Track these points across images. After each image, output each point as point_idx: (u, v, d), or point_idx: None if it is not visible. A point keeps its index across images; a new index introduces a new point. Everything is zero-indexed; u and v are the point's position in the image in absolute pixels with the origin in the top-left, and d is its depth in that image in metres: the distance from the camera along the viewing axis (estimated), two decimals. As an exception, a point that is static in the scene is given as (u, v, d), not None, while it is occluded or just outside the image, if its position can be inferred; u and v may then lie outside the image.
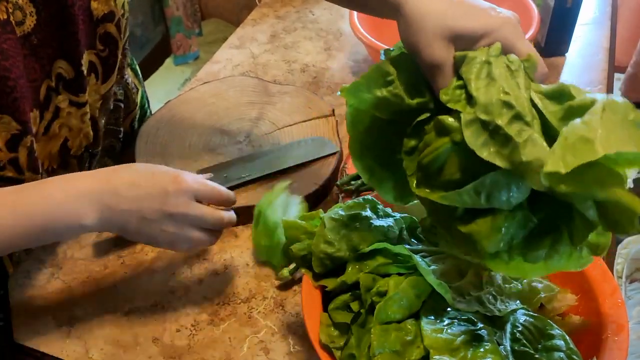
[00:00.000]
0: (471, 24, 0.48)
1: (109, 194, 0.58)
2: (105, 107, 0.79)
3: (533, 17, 0.97)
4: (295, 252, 0.58)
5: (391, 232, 0.57)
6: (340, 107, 0.99)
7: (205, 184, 0.63)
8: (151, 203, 0.59)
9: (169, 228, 0.60)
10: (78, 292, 0.72)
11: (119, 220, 0.59)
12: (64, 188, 0.58)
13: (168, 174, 0.61)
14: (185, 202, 0.60)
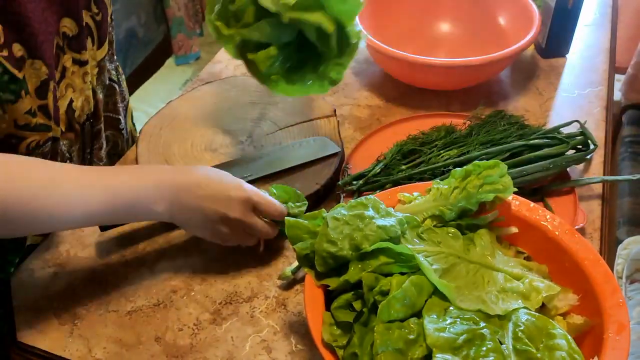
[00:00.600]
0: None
1: (182, 190, 0.66)
2: (102, 80, 0.83)
3: (534, 18, 0.97)
4: (299, 252, 0.58)
5: (393, 231, 0.57)
6: (342, 107, 0.99)
7: (264, 198, 0.70)
8: (215, 205, 0.67)
9: (224, 229, 0.68)
10: (81, 291, 0.72)
11: (184, 214, 0.67)
12: (152, 172, 0.67)
13: (234, 182, 0.69)
14: (244, 210, 0.68)
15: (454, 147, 0.85)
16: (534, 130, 0.84)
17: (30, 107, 0.66)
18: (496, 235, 0.63)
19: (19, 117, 0.66)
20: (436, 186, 0.64)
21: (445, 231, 0.62)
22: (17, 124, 0.66)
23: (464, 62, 0.91)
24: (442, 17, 1.11)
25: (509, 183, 0.60)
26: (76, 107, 0.77)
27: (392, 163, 0.84)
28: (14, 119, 0.66)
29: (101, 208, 0.62)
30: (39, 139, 0.70)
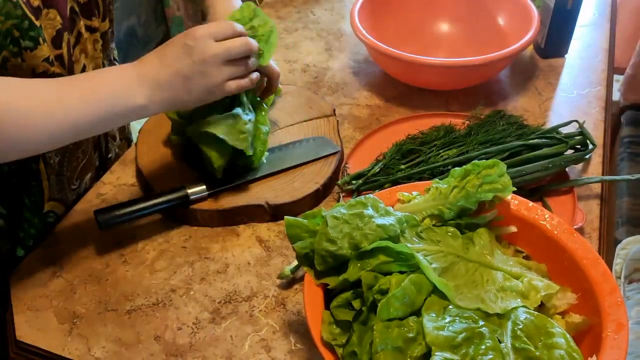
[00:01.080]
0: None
1: (148, 71, 0.65)
2: (107, 54, 0.86)
3: (533, 18, 0.97)
4: (298, 251, 0.58)
5: (393, 230, 0.57)
6: (341, 107, 0.99)
7: (216, 24, 0.69)
8: (183, 61, 0.66)
9: (209, 72, 0.66)
10: (80, 290, 0.72)
11: (167, 90, 0.65)
12: (117, 71, 0.66)
13: (180, 34, 0.68)
14: (207, 43, 0.66)
15: (453, 147, 0.85)
16: (533, 130, 0.84)
17: (48, 55, 0.68)
18: (495, 234, 0.63)
19: (38, 65, 0.67)
20: (435, 185, 0.64)
21: (445, 230, 0.62)
22: (35, 72, 0.68)
23: (463, 62, 0.91)
24: (442, 17, 1.11)
25: (508, 182, 0.60)
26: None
27: (391, 163, 0.84)
28: (32, 67, 0.67)
29: (80, 103, 0.62)
30: None
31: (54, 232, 0.80)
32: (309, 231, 0.59)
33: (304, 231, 0.59)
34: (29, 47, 0.66)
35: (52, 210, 0.83)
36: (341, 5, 1.27)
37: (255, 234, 0.79)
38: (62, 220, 0.81)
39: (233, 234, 0.79)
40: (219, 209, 0.79)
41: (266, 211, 0.80)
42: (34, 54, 0.66)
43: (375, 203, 0.60)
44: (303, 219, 0.61)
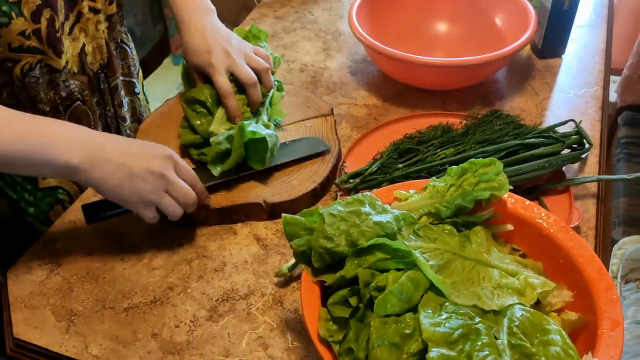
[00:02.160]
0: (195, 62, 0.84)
1: (103, 147, 0.66)
2: (113, 37, 0.90)
3: (530, 19, 0.97)
4: (295, 248, 0.58)
5: (390, 227, 0.58)
6: (339, 106, 0.99)
7: (187, 166, 0.72)
8: (139, 161, 0.67)
9: (149, 187, 0.67)
10: (77, 288, 0.72)
11: (106, 170, 0.66)
12: (66, 127, 0.66)
13: (156, 143, 0.71)
14: (168, 167, 0.69)
15: (450, 146, 0.85)
16: (530, 129, 0.85)
17: (24, 29, 0.71)
18: (492, 232, 0.64)
19: (13, 39, 0.71)
20: (432, 184, 0.64)
21: (441, 228, 0.62)
22: (11, 47, 0.71)
23: (460, 62, 0.92)
24: (440, 17, 1.12)
25: (505, 181, 0.61)
26: (88, 52, 0.83)
27: (388, 162, 0.84)
28: (8, 42, 0.71)
29: (12, 139, 0.61)
30: (32, 60, 0.74)
31: (51, 229, 0.80)
32: (307, 229, 0.59)
33: (301, 229, 0.60)
34: (3, 23, 0.69)
35: (60, 187, 0.85)
36: (339, 5, 1.27)
37: (252, 233, 0.79)
38: (60, 217, 0.81)
39: (231, 233, 0.79)
40: (216, 207, 0.79)
41: (264, 209, 0.80)
42: (9, 29, 0.70)
43: (372, 201, 0.60)
44: (301, 216, 0.61)
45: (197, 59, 0.83)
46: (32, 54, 0.74)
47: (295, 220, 0.60)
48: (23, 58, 0.74)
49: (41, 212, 0.85)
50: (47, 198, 0.84)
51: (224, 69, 0.82)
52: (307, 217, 0.60)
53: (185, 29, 0.85)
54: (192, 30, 0.84)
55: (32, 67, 0.75)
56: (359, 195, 0.60)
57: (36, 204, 0.84)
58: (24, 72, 0.75)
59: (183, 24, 0.86)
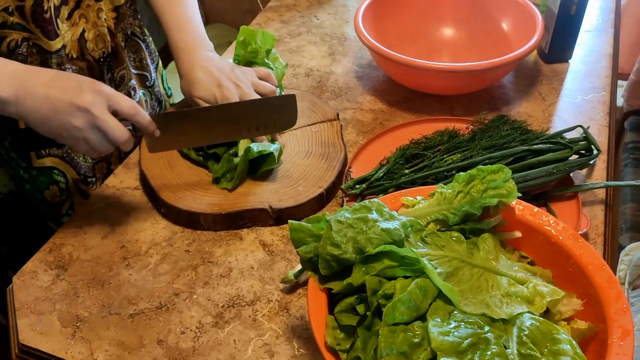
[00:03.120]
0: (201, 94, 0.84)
1: (30, 79, 0.65)
2: (122, 28, 0.90)
3: (537, 23, 0.97)
4: (302, 255, 0.58)
5: (397, 234, 0.57)
6: (345, 111, 0.99)
7: (125, 98, 0.69)
8: (64, 94, 0.65)
9: (75, 122, 0.65)
10: (83, 294, 0.72)
11: (31, 102, 0.64)
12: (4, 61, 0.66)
13: (90, 78, 0.68)
14: (97, 103, 0.66)
15: (457, 152, 0.85)
16: (537, 135, 0.84)
17: (8, 5, 0.72)
18: (500, 239, 0.63)
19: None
20: (440, 190, 0.64)
21: (449, 235, 0.61)
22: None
23: (467, 67, 0.91)
24: (445, 21, 1.11)
25: (513, 188, 0.60)
26: (88, 39, 0.84)
27: (395, 167, 0.84)
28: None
29: None
30: (17, 37, 0.74)
31: (57, 234, 0.80)
32: (313, 235, 0.59)
33: (308, 235, 0.59)
34: None
35: (56, 167, 0.85)
36: (344, 9, 1.27)
37: (258, 238, 0.79)
38: (66, 222, 0.81)
39: (236, 238, 0.79)
40: (222, 213, 0.79)
41: (270, 215, 0.80)
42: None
43: (379, 207, 0.60)
44: (307, 223, 0.60)
45: (206, 93, 0.83)
46: (16, 31, 0.75)
47: (302, 226, 0.60)
48: (8, 35, 0.74)
49: (36, 190, 0.85)
50: (42, 177, 0.85)
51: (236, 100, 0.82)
52: (314, 224, 0.60)
53: (189, 66, 0.84)
54: (197, 65, 0.84)
55: (18, 44, 0.75)
56: (366, 202, 0.60)
57: (31, 182, 0.85)
58: (10, 49, 0.75)
59: (183, 56, 0.85)
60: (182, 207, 0.79)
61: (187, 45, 0.86)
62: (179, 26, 0.87)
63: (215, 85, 0.83)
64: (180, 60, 0.86)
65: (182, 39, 0.86)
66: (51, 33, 0.78)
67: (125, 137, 0.69)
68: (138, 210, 0.83)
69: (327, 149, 0.88)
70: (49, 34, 0.78)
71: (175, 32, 0.87)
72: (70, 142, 0.68)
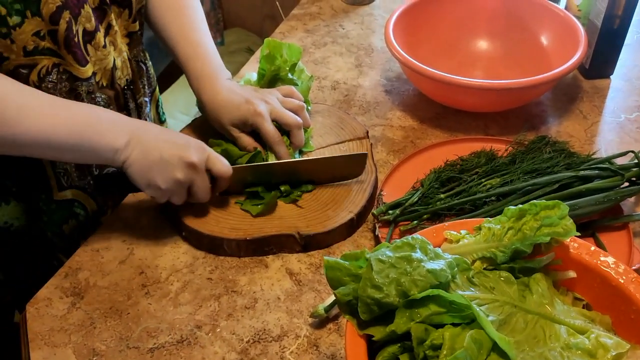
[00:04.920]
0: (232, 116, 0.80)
1: (142, 129, 0.70)
2: (134, 54, 0.88)
3: (580, 38, 0.92)
4: (340, 298, 0.53)
5: (444, 276, 0.52)
6: (373, 128, 0.94)
7: (223, 160, 0.73)
8: (173, 148, 0.69)
9: (178, 175, 0.69)
10: (100, 324, 0.68)
11: (141, 151, 0.68)
12: (108, 112, 0.71)
13: (195, 139, 0.74)
14: (201, 157, 0.71)
15: (495, 176, 0.80)
16: (583, 159, 0.79)
17: (39, 29, 0.68)
18: (552, 279, 0.58)
19: (28, 40, 0.68)
20: (487, 225, 0.58)
21: (498, 275, 0.56)
22: (26, 50, 0.68)
23: (505, 85, 0.86)
24: (479, 33, 1.06)
25: (571, 227, 0.55)
26: (117, 67, 0.82)
27: (429, 192, 0.79)
28: (23, 45, 0.67)
29: (60, 124, 0.65)
30: (48, 64, 0.71)
31: (73, 258, 0.75)
32: (351, 275, 0.54)
33: (345, 275, 0.54)
34: (17, 23, 0.66)
35: (76, 200, 0.82)
36: (371, 19, 1.22)
37: (285, 266, 0.74)
38: (83, 245, 0.77)
39: (262, 265, 0.75)
40: (247, 238, 0.74)
41: (297, 241, 0.75)
42: (22, 29, 0.66)
43: (423, 245, 0.55)
44: (344, 260, 0.56)
45: (236, 113, 0.79)
46: (46, 57, 0.71)
47: (338, 264, 0.55)
48: (39, 62, 0.70)
49: (54, 224, 0.81)
50: (61, 210, 0.81)
51: (269, 116, 0.79)
52: (351, 262, 0.55)
53: (213, 93, 0.81)
54: (219, 87, 0.81)
55: (49, 71, 0.71)
56: (408, 239, 0.55)
57: (49, 215, 0.80)
58: (40, 77, 0.71)
59: (206, 82, 0.82)
60: (204, 232, 0.75)
61: (207, 73, 0.82)
62: (197, 55, 0.83)
63: (244, 102, 0.79)
64: (202, 88, 0.82)
65: (201, 68, 0.83)
66: (81, 58, 0.74)
67: (207, 198, 0.74)
68: (158, 232, 0.79)
69: (357, 170, 0.83)
70: (79, 60, 0.74)
71: (193, 61, 0.83)
72: (160, 192, 0.71)
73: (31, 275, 0.80)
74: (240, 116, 0.79)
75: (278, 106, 0.80)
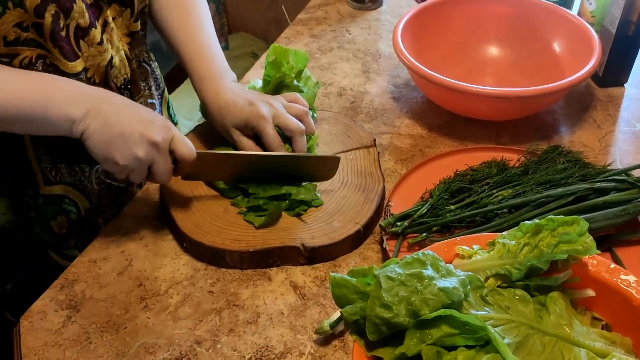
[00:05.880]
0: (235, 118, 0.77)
1: (104, 100, 0.65)
2: (136, 54, 0.85)
3: (594, 45, 0.89)
4: (347, 317, 0.50)
5: (457, 295, 0.50)
6: (381, 136, 0.92)
7: (188, 143, 0.70)
8: (136, 123, 0.65)
9: (139, 153, 0.65)
10: (96, 340, 0.65)
11: (100, 124, 0.64)
12: (68, 82, 0.67)
13: (162, 115, 0.72)
14: (165, 141, 0.67)
15: (507, 187, 0.77)
16: (599, 170, 0.76)
17: (23, 21, 0.66)
18: (570, 298, 0.55)
19: (9, 31, 0.65)
20: (502, 241, 0.56)
21: (513, 294, 0.54)
22: (7, 40, 0.66)
23: (518, 93, 0.84)
24: (490, 39, 1.04)
25: (592, 245, 0.52)
26: (115, 65, 0.78)
27: (439, 203, 0.76)
28: (3, 35, 0.65)
29: (16, 95, 0.62)
30: (31, 55, 0.68)
31: (69, 269, 0.73)
32: (359, 292, 0.52)
33: (352, 292, 0.52)
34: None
35: (67, 197, 0.79)
36: (378, 24, 1.20)
37: (289, 279, 0.72)
38: (80, 255, 0.75)
39: (265, 278, 0.72)
40: (250, 250, 0.72)
41: (301, 254, 0.72)
42: (3, 20, 0.64)
43: (435, 262, 0.52)
44: (351, 276, 0.53)
45: (240, 115, 0.77)
46: (30, 48, 0.68)
47: (345, 282, 0.52)
48: (21, 52, 0.67)
49: (42, 220, 0.79)
50: (49, 206, 0.79)
51: (272, 120, 0.76)
52: (359, 279, 0.53)
53: (216, 94, 0.79)
54: (223, 89, 0.79)
55: (33, 62, 0.69)
56: (419, 255, 0.52)
57: (37, 210, 0.78)
58: (23, 66, 0.68)
59: (209, 83, 0.80)
60: (206, 243, 0.72)
61: (212, 75, 0.80)
62: (202, 56, 0.81)
63: (247, 104, 0.77)
64: (205, 90, 0.80)
65: (206, 69, 0.81)
66: (69, 53, 0.71)
67: (168, 181, 0.70)
68: (158, 243, 0.76)
69: (364, 180, 0.81)
70: (67, 55, 0.71)
71: (197, 63, 0.81)
72: (118, 169, 0.67)
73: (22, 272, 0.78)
74: (243, 118, 0.77)
75: (282, 111, 0.78)
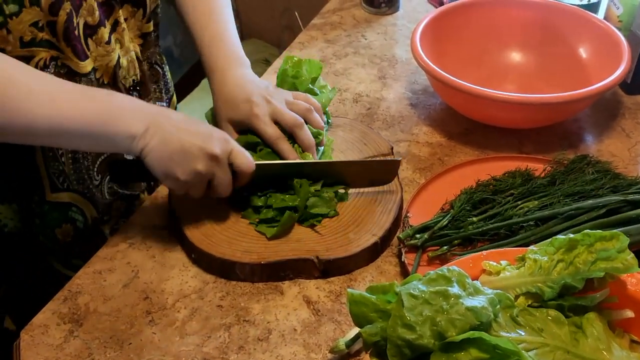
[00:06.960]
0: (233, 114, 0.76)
1: (163, 115, 0.65)
2: (147, 55, 0.84)
3: (623, 51, 0.85)
4: (366, 338, 0.47)
5: (486, 315, 0.46)
6: (398, 144, 0.88)
7: (247, 155, 0.69)
8: (195, 138, 0.65)
9: (199, 167, 0.65)
10: (99, 356, 0.62)
11: (160, 140, 0.63)
12: (127, 99, 0.66)
13: (219, 129, 0.71)
14: (223, 149, 0.66)
15: (532, 198, 0.73)
16: (630, 181, 0.72)
17: (38, 20, 0.64)
18: (606, 319, 0.51)
19: (25, 31, 0.64)
20: (532, 256, 0.52)
21: (545, 314, 0.50)
22: (23, 41, 0.64)
23: (543, 99, 0.80)
24: (511, 44, 1.00)
25: (633, 262, 0.48)
26: (122, 65, 0.77)
27: (460, 214, 0.72)
28: (20, 35, 0.64)
29: (74, 110, 0.60)
30: (46, 56, 0.67)
31: (73, 280, 0.70)
32: (379, 310, 0.48)
33: (372, 310, 0.48)
34: (13, 12, 0.62)
35: (74, 205, 0.77)
36: (394, 29, 1.17)
37: (302, 293, 0.68)
38: (85, 266, 0.72)
39: (277, 292, 0.68)
40: (261, 262, 0.68)
41: (315, 266, 0.69)
42: (19, 19, 0.63)
43: (461, 278, 0.48)
44: (370, 293, 0.49)
45: (236, 111, 0.76)
46: (44, 49, 0.66)
47: (364, 299, 0.49)
48: (36, 54, 0.66)
49: (46, 227, 0.76)
50: (55, 213, 0.76)
51: (268, 117, 0.74)
52: (378, 295, 0.49)
53: (220, 85, 0.77)
54: (228, 80, 0.77)
55: (47, 64, 0.67)
56: (444, 271, 0.48)
57: (41, 217, 0.75)
58: (37, 69, 0.66)
59: (216, 74, 0.78)
60: (215, 254, 0.69)
61: (220, 63, 0.78)
62: (212, 44, 0.79)
63: (245, 101, 0.74)
64: (212, 79, 0.78)
65: (215, 57, 0.78)
66: (80, 53, 0.69)
67: (228, 193, 0.69)
68: (165, 254, 0.73)
69: (381, 189, 0.77)
70: (78, 54, 0.69)
71: (207, 50, 0.79)
72: (179, 184, 0.66)
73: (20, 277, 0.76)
74: (236, 116, 0.76)
75: (280, 107, 0.75)
